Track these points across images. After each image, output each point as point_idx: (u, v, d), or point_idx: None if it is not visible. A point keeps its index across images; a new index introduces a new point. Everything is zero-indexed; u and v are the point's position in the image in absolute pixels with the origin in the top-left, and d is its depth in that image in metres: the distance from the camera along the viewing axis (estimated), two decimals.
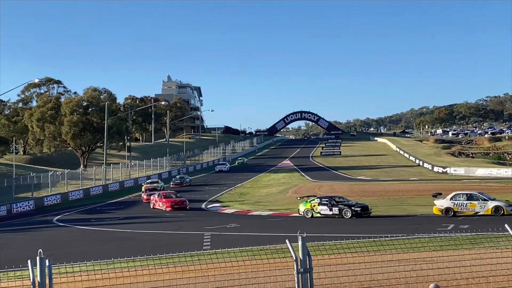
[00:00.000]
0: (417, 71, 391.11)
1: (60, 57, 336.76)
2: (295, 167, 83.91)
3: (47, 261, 6.97)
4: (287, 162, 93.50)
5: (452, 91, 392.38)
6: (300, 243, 7.56)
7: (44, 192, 55.81)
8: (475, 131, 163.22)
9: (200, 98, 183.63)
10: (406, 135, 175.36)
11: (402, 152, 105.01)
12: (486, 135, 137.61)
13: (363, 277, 9.89)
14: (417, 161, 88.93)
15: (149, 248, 18.86)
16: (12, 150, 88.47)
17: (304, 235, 7.56)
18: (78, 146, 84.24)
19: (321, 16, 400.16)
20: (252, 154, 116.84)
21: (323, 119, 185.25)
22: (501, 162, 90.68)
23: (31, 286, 6.89)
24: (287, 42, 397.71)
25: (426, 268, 9.74)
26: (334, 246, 10.90)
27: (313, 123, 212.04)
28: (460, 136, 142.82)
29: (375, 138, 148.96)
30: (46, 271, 6.91)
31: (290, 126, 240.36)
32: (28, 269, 7.02)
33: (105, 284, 7.97)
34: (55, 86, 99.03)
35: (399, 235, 19.13)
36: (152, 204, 42.92)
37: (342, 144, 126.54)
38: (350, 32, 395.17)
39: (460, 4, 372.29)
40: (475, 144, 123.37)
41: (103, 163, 69.28)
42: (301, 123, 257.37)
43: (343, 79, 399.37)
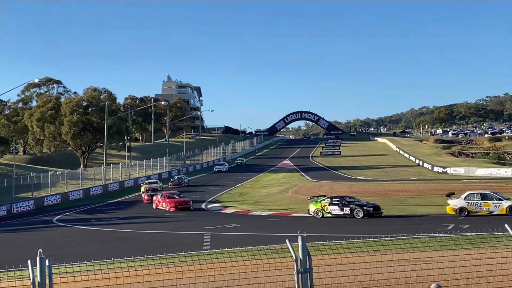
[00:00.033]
0: (417, 71, 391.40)
1: (60, 57, 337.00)
2: (295, 167, 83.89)
3: (47, 261, 6.97)
4: (287, 162, 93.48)
5: (452, 91, 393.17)
6: (300, 243, 7.57)
7: (44, 192, 55.79)
8: (475, 131, 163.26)
9: (200, 98, 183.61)
10: (406, 135, 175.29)
11: (402, 152, 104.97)
12: (486, 135, 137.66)
13: (363, 277, 9.90)
14: (417, 161, 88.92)
15: (149, 248, 18.87)
16: (12, 150, 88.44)
17: (304, 235, 7.56)
18: (78, 146, 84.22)
19: (321, 16, 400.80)
20: (252, 154, 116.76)
21: (323, 119, 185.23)
22: (501, 162, 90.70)
23: (31, 286, 6.89)
24: (287, 42, 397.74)
25: (426, 268, 9.74)
26: (334, 246, 10.88)
27: (313, 123, 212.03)
28: (460, 136, 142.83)
29: (375, 138, 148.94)
30: (46, 271, 6.92)
31: (290, 126, 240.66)
32: (28, 269, 7.03)
33: (105, 284, 7.97)
34: (55, 86, 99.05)
35: (399, 235, 19.14)
36: (154, 205, 42.88)
37: (342, 144, 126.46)
38: (350, 32, 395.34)
39: (460, 4, 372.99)
40: (475, 144, 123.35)
41: (103, 163, 69.25)
42: (301, 123, 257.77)
43: (343, 79, 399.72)
